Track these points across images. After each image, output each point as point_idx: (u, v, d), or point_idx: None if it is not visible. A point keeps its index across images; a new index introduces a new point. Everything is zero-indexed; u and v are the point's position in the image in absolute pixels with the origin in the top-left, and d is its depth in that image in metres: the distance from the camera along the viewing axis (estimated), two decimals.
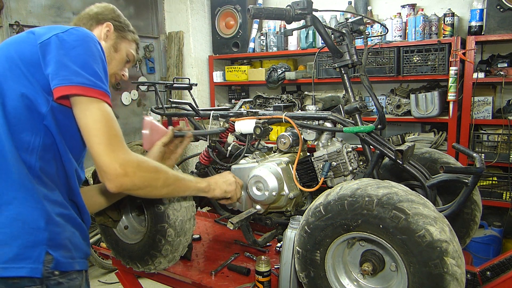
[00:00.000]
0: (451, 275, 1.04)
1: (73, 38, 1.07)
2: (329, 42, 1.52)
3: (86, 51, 1.07)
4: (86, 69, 1.05)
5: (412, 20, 3.22)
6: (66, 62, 1.03)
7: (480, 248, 2.99)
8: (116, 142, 1.05)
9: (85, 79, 1.03)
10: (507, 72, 2.91)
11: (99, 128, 1.03)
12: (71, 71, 1.02)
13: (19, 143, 1.04)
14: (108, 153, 1.03)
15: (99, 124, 1.03)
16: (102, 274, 3.60)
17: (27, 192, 1.03)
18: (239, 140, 1.82)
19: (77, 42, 1.06)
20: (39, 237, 1.02)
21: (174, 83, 1.95)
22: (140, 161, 1.11)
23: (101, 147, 1.03)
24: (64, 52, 1.04)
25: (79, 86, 1.02)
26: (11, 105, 1.04)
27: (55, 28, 1.10)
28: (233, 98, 4.47)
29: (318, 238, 1.24)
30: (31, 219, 1.02)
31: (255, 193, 1.56)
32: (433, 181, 1.46)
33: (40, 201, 1.04)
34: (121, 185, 1.07)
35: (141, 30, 4.22)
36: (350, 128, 1.47)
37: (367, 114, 3.37)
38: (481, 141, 3.09)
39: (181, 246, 1.62)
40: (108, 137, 1.04)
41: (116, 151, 1.05)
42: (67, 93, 1.02)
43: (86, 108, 1.04)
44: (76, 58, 1.04)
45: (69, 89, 1.02)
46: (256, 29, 4.09)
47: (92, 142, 1.03)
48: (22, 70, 1.05)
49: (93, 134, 1.03)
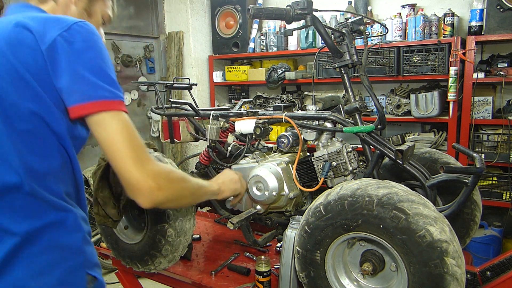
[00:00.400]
0: (451, 275, 1.04)
1: (80, 38, 0.95)
2: (329, 42, 1.52)
3: (97, 53, 0.97)
4: (102, 76, 0.95)
5: (412, 20, 3.22)
6: (81, 72, 0.92)
7: (480, 248, 2.99)
8: (142, 154, 0.97)
9: (104, 91, 0.94)
10: (507, 72, 2.91)
11: (122, 141, 0.94)
12: (88, 84, 0.92)
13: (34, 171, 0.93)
14: (138, 168, 0.94)
15: (121, 137, 0.94)
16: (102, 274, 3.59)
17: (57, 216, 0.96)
18: (239, 140, 1.82)
19: (86, 44, 0.95)
20: (77, 260, 0.99)
21: (174, 83, 1.95)
22: (168, 171, 1.03)
23: (129, 162, 0.94)
24: (75, 58, 0.93)
25: (99, 102, 0.93)
26: (21, 128, 0.91)
27: (51, 22, 0.96)
28: (233, 98, 4.47)
29: (318, 238, 1.24)
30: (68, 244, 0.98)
31: (255, 193, 1.56)
32: (433, 181, 1.46)
33: (75, 222, 0.99)
34: (155, 200, 0.98)
35: (141, 30, 4.22)
36: (350, 128, 1.47)
37: (367, 114, 3.37)
38: (481, 141, 3.08)
39: (181, 246, 1.62)
40: (134, 150, 0.95)
41: (145, 164, 0.96)
42: (87, 113, 0.92)
43: (106, 123, 0.94)
44: (89, 64, 0.94)
45: (89, 107, 0.92)
46: (256, 29, 4.09)
47: (117, 158, 0.94)
48: (28, 83, 0.91)
49: (118, 149, 0.94)
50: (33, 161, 0.93)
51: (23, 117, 0.91)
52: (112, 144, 0.94)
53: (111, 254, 1.87)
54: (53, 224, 0.95)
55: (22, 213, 0.92)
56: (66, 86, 0.92)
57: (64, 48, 0.92)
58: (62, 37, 0.93)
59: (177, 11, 4.30)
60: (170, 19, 4.37)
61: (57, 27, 0.94)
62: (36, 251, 0.92)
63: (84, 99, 0.92)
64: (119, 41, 3.98)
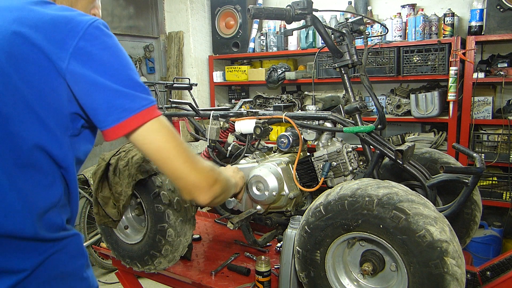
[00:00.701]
0: (451, 275, 1.04)
1: (99, 44, 0.83)
2: (329, 42, 1.52)
3: (120, 59, 0.86)
4: (133, 84, 0.86)
5: (412, 20, 3.22)
6: (111, 87, 0.82)
7: (480, 248, 2.99)
8: (191, 155, 0.94)
9: (140, 101, 0.85)
10: (507, 72, 2.91)
11: (173, 148, 0.90)
12: (122, 98, 0.83)
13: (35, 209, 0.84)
14: (192, 170, 0.93)
15: (170, 144, 0.89)
16: (102, 274, 3.59)
17: (59, 245, 0.90)
18: (239, 140, 1.82)
19: (108, 51, 0.84)
20: (82, 286, 0.97)
21: (174, 83, 1.95)
22: (211, 165, 1.03)
23: (183, 167, 0.92)
24: (100, 72, 0.81)
25: (138, 114, 0.84)
26: (21, 162, 0.80)
27: (61, 26, 0.81)
28: (233, 98, 4.47)
29: (318, 238, 1.24)
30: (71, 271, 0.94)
31: (255, 193, 1.56)
32: (433, 181, 1.46)
33: (77, 246, 0.95)
34: (214, 193, 1.00)
35: (141, 30, 4.22)
36: (350, 128, 1.47)
37: (367, 114, 3.37)
38: (481, 141, 3.08)
39: (181, 246, 1.62)
40: (185, 153, 0.92)
41: (197, 164, 0.95)
42: (130, 131, 0.85)
43: (152, 134, 0.88)
44: (117, 75, 0.84)
45: (130, 124, 0.84)
46: (256, 29, 4.09)
47: (171, 166, 0.91)
48: (35, 111, 0.79)
49: (169, 157, 0.90)
50: (34, 199, 0.83)
51: (24, 151, 0.80)
52: (163, 154, 0.90)
53: (111, 254, 1.87)
54: (54, 254, 0.88)
55: (21, 254, 0.85)
56: (96, 108, 0.82)
57: (85, 63, 0.81)
58: (80, 49, 0.81)
59: (177, 11, 4.30)
60: (170, 19, 4.37)
61: (71, 34, 0.81)
62: (36, 284, 0.86)
63: (122, 116, 0.83)
64: (119, 41, 3.94)
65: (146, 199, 1.58)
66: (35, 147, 0.81)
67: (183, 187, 0.96)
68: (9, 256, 0.83)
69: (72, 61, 0.80)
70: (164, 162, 0.91)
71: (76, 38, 0.80)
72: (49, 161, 0.84)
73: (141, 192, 1.60)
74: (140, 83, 0.88)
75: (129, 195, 1.59)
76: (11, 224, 0.82)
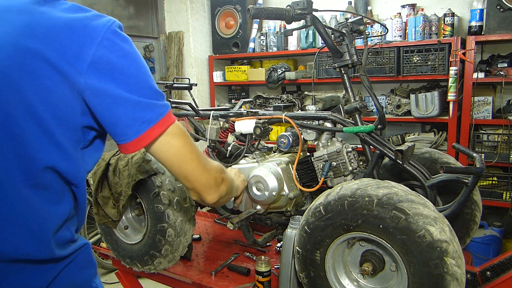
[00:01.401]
0: (451, 275, 1.04)
1: (118, 51, 0.79)
2: (329, 42, 1.52)
3: (139, 66, 0.83)
4: (151, 91, 0.84)
5: (412, 20, 3.22)
6: (129, 98, 0.80)
7: (480, 248, 2.99)
8: (202, 155, 0.97)
9: (158, 108, 0.84)
10: (507, 72, 2.91)
11: (189, 152, 0.91)
12: (142, 109, 0.81)
13: (47, 230, 0.82)
14: (206, 170, 0.97)
15: (187, 148, 0.91)
16: (102, 274, 3.59)
17: (69, 259, 0.89)
18: (239, 140, 1.82)
19: (126, 59, 0.81)
20: None
21: (174, 83, 1.95)
22: (219, 164, 1.07)
23: (199, 169, 0.95)
24: (120, 82, 0.79)
25: (156, 124, 0.83)
26: (32, 183, 0.77)
27: (77, 32, 0.76)
28: (233, 98, 4.47)
29: (318, 238, 1.24)
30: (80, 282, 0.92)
31: (255, 193, 1.56)
32: (433, 181, 1.46)
33: (87, 255, 0.95)
34: (220, 194, 1.05)
35: (141, 30, 4.22)
36: (350, 128, 1.47)
37: (367, 114, 3.37)
38: (481, 141, 3.08)
39: (181, 246, 1.62)
40: (198, 155, 0.95)
41: (207, 163, 0.98)
42: (149, 142, 0.85)
43: (170, 142, 0.88)
44: (137, 84, 0.81)
45: (150, 135, 0.83)
46: (256, 29, 4.09)
47: (188, 168, 0.93)
48: (48, 130, 0.75)
49: (188, 160, 0.92)
50: (47, 217, 0.81)
51: (35, 172, 0.77)
52: (180, 158, 0.91)
53: (111, 254, 1.87)
54: (65, 267, 0.87)
55: (38, 274, 0.83)
56: (115, 122, 0.80)
57: (104, 74, 0.77)
58: (98, 58, 0.77)
59: (177, 11, 4.30)
60: (170, 19, 4.37)
61: (89, 42, 0.76)
62: None
63: (143, 128, 0.82)
64: None
65: (146, 199, 1.58)
66: (47, 168, 0.78)
67: (193, 188, 0.99)
68: (25, 277, 0.82)
69: (90, 74, 0.76)
70: (180, 165, 0.92)
71: (93, 46, 0.77)
72: (59, 180, 0.82)
73: (141, 192, 1.60)
74: (157, 89, 0.86)
75: (129, 195, 1.59)
76: (28, 246, 0.80)
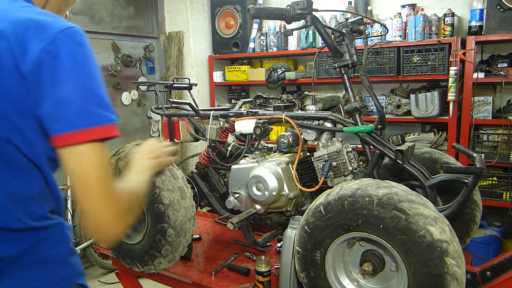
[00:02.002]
0: (451, 275, 1.04)
1: (67, 51, 0.83)
2: (329, 42, 1.52)
3: (86, 70, 0.86)
4: (91, 97, 0.84)
5: (412, 20, 3.22)
6: (66, 95, 0.82)
7: (480, 248, 2.99)
8: (114, 191, 0.90)
9: (93, 117, 0.84)
10: (507, 72, 2.91)
11: (97, 176, 0.85)
12: (73, 109, 0.82)
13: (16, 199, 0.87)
14: (107, 207, 0.87)
15: (97, 172, 0.85)
16: (102, 274, 3.60)
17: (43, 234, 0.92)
18: (239, 140, 1.82)
19: (73, 59, 0.83)
20: (63, 272, 0.96)
21: (174, 83, 1.95)
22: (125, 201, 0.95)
23: (99, 200, 0.87)
24: (60, 79, 0.81)
25: (85, 130, 0.83)
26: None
27: (33, 29, 0.82)
28: (233, 98, 4.47)
29: (318, 238, 1.24)
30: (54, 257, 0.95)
31: (255, 193, 1.56)
32: (433, 181, 1.46)
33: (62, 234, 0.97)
34: (117, 238, 0.93)
35: (141, 30, 4.22)
36: (350, 128, 1.47)
37: (367, 114, 3.37)
38: (481, 141, 3.08)
39: (181, 246, 1.62)
40: (106, 187, 0.87)
41: (115, 203, 0.89)
42: (72, 143, 0.83)
43: (86, 153, 0.85)
44: (76, 85, 0.83)
45: (74, 137, 0.83)
46: (256, 29, 4.09)
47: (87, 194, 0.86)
48: (3, 110, 0.81)
49: (90, 185, 0.86)
50: (14, 191, 0.86)
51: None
52: (86, 177, 0.85)
53: (111, 254, 1.87)
54: (39, 241, 0.91)
55: (10, 243, 0.88)
56: (48, 113, 0.82)
57: (48, 67, 0.80)
58: (46, 53, 0.81)
59: (177, 11, 4.30)
60: (170, 19, 4.37)
61: (40, 38, 0.81)
62: (21, 267, 0.90)
63: (69, 127, 0.82)
64: (119, 41, 3.98)
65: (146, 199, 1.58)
66: (5, 141, 0.83)
67: (88, 224, 0.90)
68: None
69: (33, 66, 0.80)
70: (82, 189, 0.87)
71: (44, 42, 0.81)
72: (21, 156, 0.85)
73: None
74: (101, 97, 0.86)
75: None
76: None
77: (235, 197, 1.69)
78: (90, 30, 3.68)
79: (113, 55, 3.93)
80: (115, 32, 3.93)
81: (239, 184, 1.68)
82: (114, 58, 3.94)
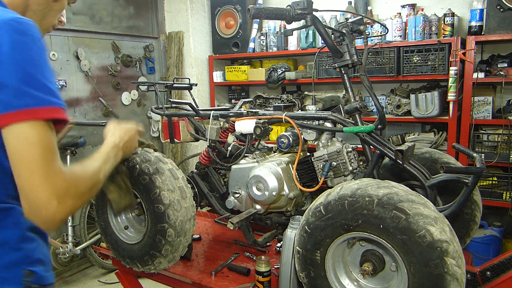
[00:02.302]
0: (451, 275, 1.04)
1: (7, 39, 0.86)
2: (329, 42, 1.52)
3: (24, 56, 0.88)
4: (29, 81, 0.87)
5: (412, 20, 3.22)
6: (3, 78, 0.85)
7: (480, 248, 2.99)
8: (56, 170, 0.88)
9: (29, 99, 0.86)
10: (507, 72, 2.91)
11: (35, 155, 0.85)
12: (9, 92, 0.85)
13: None
14: (47, 187, 0.86)
15: (36, 150, 0.85)
16: (102, 274, 3.60)
17: None
18: (239, 140, 1.82)
19: (13, 45, 0.87)
20: (13, 257, 0.96)
21: (174, 83, 1.95)
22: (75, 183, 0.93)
23: (37, 178, 0.86)
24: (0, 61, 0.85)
25: (21, 111, 0.85)
26: None
27: None
28: (233, 98, 4.47)
29: (318, 238, 1.24)
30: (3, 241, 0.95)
31: (255, 193, 1.56)
32: (433, 181, 1.46)
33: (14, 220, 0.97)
34: (58, 223, 0.91)
35: (141, 30, 4.22)
36: (350, 128, 1.47)
37: (367, 114, 3.37)
38: (481, 141, 3.08)
39: (181, 246, 1.62)
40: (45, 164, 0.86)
41: (57, 183, 0.87)
42: (7, 124, 0.85)
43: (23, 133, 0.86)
44: (13, 69, 0.86)
45: (9, 118, 0.85)
46: (256, 29, 4.09)
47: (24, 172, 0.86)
48: None
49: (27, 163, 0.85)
50: None
51: None
52: (22, 156, 0.85)
53: (111, 254, 1.87)
54: None
55: None
56: None
57: None
58: None
59: (177, 11, 4.30)
60: (170, 19, 4.37)
61: None
62: None
63: (6, 108, 0.84)
64: (119, 41, 3.98)
65: (146, 199, 1.58)
66: None
67: (26, 206, 0.89)
68: None
69: None
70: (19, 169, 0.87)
71: None
72: None
73: (141, 192, 1.60)
74: (41, 81, 0.88)
75: None
76: None
77: (235, 197, 1.69)
78: (90, 30, 3.68)
79: (113, 55, 3.93)
80: (115, 32, 3.93)
81: (239, 184, 1.68)
82: (114, 58, 3.94)
